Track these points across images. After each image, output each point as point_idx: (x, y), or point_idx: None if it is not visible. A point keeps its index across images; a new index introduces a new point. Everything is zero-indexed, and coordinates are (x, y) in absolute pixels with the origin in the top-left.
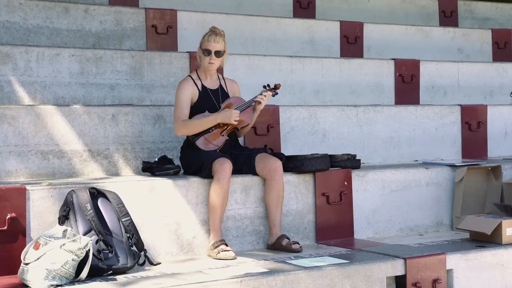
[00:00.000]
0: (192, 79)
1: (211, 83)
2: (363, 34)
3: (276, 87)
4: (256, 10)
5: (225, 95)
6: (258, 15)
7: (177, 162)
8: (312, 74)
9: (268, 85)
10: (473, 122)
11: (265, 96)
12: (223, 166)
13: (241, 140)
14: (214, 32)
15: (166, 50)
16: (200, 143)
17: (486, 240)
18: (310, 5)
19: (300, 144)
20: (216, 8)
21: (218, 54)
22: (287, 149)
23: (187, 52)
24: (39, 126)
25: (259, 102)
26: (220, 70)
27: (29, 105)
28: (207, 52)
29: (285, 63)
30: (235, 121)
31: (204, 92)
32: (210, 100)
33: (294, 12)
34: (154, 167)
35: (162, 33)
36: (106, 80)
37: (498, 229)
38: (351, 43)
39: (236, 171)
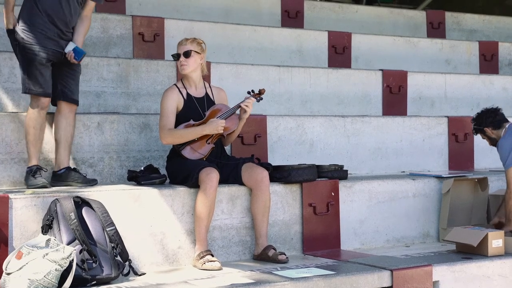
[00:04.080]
0: (177, 87)
1: (197, 91)
2: (351, 45)
3: (261, 92)
4: (244, 19)
5: (211, 103)
6: (246, 24)
7: (163, 171)
8: (299, 83)
9: (253, 91)
10: (460, 134)
11: (249, 102)
12: (210, 176)
13: (227, 149)
14: (182, 40)
15: (153, 58)
16: (186, 152)
17: (473, 252)
18: (298, 14)
19: (287, 154)
20: (204, 16)
21: (186, 54)
22: (274, 159)
23: (174, 60)
24: (23, 133)
25: (245, 111)
26: (207, 79)
27: (12, 112)
28: (176, 56)
29: (273, 73)
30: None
31: (189, 100)
32: (195, 108)
33: (282, 21)
34: (140, 176)
35: (149, 41)
36: (92, 87)
37: (484, 241)
38: (339, 53)
39: (223, 180)
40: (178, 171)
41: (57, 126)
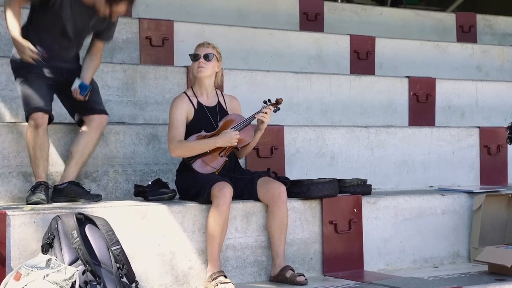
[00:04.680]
0: (187, 96)
1: (208, 100)
2: (375, 49)
3: (278, 102)
4: (259, 22)
5: (224, 113)
6: (261, 28)
7: (172, 186)
8: (319, 91)
9: (269, 100)
10: (493, 146)
11: (266, 112)
12: (223, 191)
13: (242, 162)
14: (203, 42)
15: (161, 64)
16: (197, 165)
17: (506, 273)
18: (318, 17)
19: (306, 167)
20: (216, 19)
21: (207, 57)
22: (292, 173)
23: (184, 66)
24: (22, 145)
25: (262, 121)
26: (219, 87)
27: (10, 122)
28: (195, 57)
29: (291, 80)
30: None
31: (200, 109)
32: (206, 118)
33: (301, 24)
34: (147, 191)
35: (157, 45)
36: None
37: None
38: (362, 58)
39: (237, 196)
40: (189, 186)
41: (77, 140)
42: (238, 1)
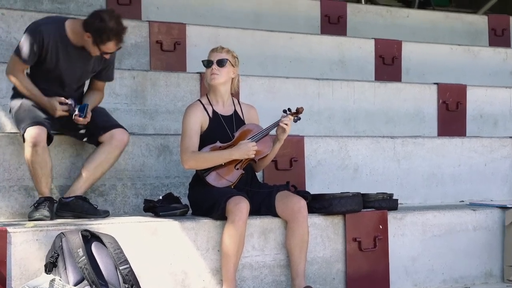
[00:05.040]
0: (202, 104)
1: (224, 109)
2: (401, 54)
3: (299, 111)
4: (278, 25)
5: (240, 122)
6: (280, 31)
7: (185, 200)
8: (342, 99)
9: (289, 109)
10: None
11: (288, 120)
12: (239, 206)
13: (259, 175)
14: (217, 46)
15: (173, 70)
16: (211, 178)
17: None
18: (340, 20)
19: (328, 180)
20: (231, 22)
21: (221, 62)
22: (313, 187)
23: (197, 72)
24: (23, 157)
25: (283, 130)
26: (236, 95)
27: (11, 132)
28: (208, 63)
29: (311, 87)
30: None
31: (215, 118)
32: (222, 128)
33: (322, 27)
34: (158, 207)
35: (168, 50)
36: (103, 104)
37: None
38: (388, 64)
39: (254, 211)
40: (202, 201)
41: (92, 157)
42: (255, 2)
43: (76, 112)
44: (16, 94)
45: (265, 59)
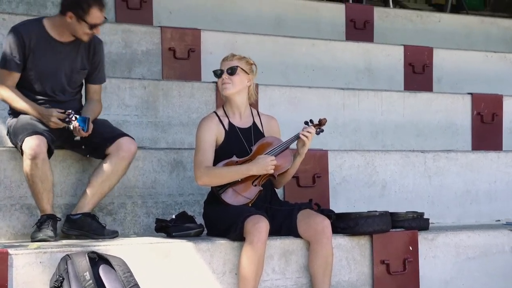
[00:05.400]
0: (218, 116)
1: (241, 121)
2: (432, 62)
3: (321, 122)
4: (300, 31)
5: (259, 135)
6: (302, 37)
7: (199, 220)
8: (369, 110)
9: (311, 121)
10: None
11: (308, 134)
12: (258, 226)
13: (280, 192)
14: (227, 55)
15: (186, 79)
16: (227, 196)
17: None
18: (367, 25)
19: (354, 198)
20: (249, 27)
21: (231, 70)
22: (338, 205)
23: (212, 82)
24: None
25: (303, 143)
26: (254, 105)
27: (13, 147)
28: (218, 72)
29: (336, 97)
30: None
31: (231, 131)
32: (239, 141)
33: (347, 33)
34: (171, 227)
35: (181, 58)
36: (111, 116)
37: None
38: (418, 72)
39: (274, 231)
40: (218, 220)
41: (98, 170)
42: (275, 6)
43: (76, 124)
44: (13, 111)
45: (286, 68)
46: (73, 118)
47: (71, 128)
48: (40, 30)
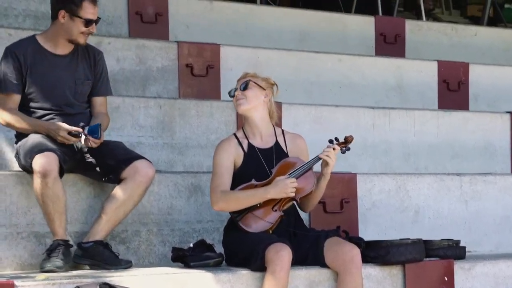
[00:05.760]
0: (237, 137)
1: (262, 141)
2: (468, 78)
3: (347, 140)
4: (325, 45)
5: (282, 156)
6: (328, 52)
7: (219, 248)
8: (400, 131)
9: (336, 139)
10: None
11: (330, 151)
12: (280, 254)
13: (305, 218)
14: (242, 74)
15: (205, 97)
16: (245, 222)
17: None
18: (398, 39)
19: (385, 225)
20: (272, 42)
21: (245, 85)
22: (367, 232)
23: (231, 98)
24: (33, 199)
25: (327, 163)
26: (279, 125)
27: (19, 171)
28: (232, 92)
29: (365, 116)
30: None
31: (251, 153)
32: (258, 163)
33: (377, 48)
34: (189, 256)
35: (200, 75)
36: (124, 137)
37: None
38: (453, 90)
39: (299, 261)
40: (238, 248)
41: (113, 196)
42: (299, 19)
43: (87, 136)
44: (20, 133)
45: (311, 85)
46: (83, 128)
47: (82, 141)
48: (34, 46)
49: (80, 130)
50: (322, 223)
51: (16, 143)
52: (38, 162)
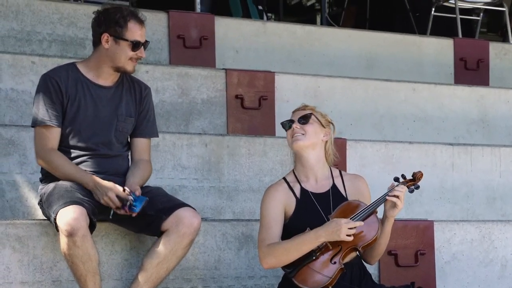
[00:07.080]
0: (287, 182)
1: (317, 185)
2: None
3: (416, 177)
4: (396, 73)
5: (341, 200)
6: (400, 81)
7: None
8: (484, 171)
9: (403, 176)
10: None
11: (398, 191)
12: None
13: (374, 272)
14: (300, 105)
15: (258, 133)
16: (300, 278)
17: None
18: (481, 64)
19: (466, 280)
20: (334, 69)
21: (304, 118)
22: None
23: (285, 131)
24: (59, 251)
25: (393, 204)
26: (339, 166)
27: (43, 219)
28: (288, 124)
29: (443, 155)
30: (349, 236)
31: (304, 199)
32: (313, 210)
33: (456, 75)
34: None
35: (251, 107)
36: (164, 180)
37: None
38: None
39: None
40: None
41: (154, 250)
42: (366, 42)
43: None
44: (47, 177)
45: (380, 118)
46: (132, 199)
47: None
48: (76, 74)
49: (131, 198)
50: (394, 278)
51: (41, 188)
52: (64, 218)
